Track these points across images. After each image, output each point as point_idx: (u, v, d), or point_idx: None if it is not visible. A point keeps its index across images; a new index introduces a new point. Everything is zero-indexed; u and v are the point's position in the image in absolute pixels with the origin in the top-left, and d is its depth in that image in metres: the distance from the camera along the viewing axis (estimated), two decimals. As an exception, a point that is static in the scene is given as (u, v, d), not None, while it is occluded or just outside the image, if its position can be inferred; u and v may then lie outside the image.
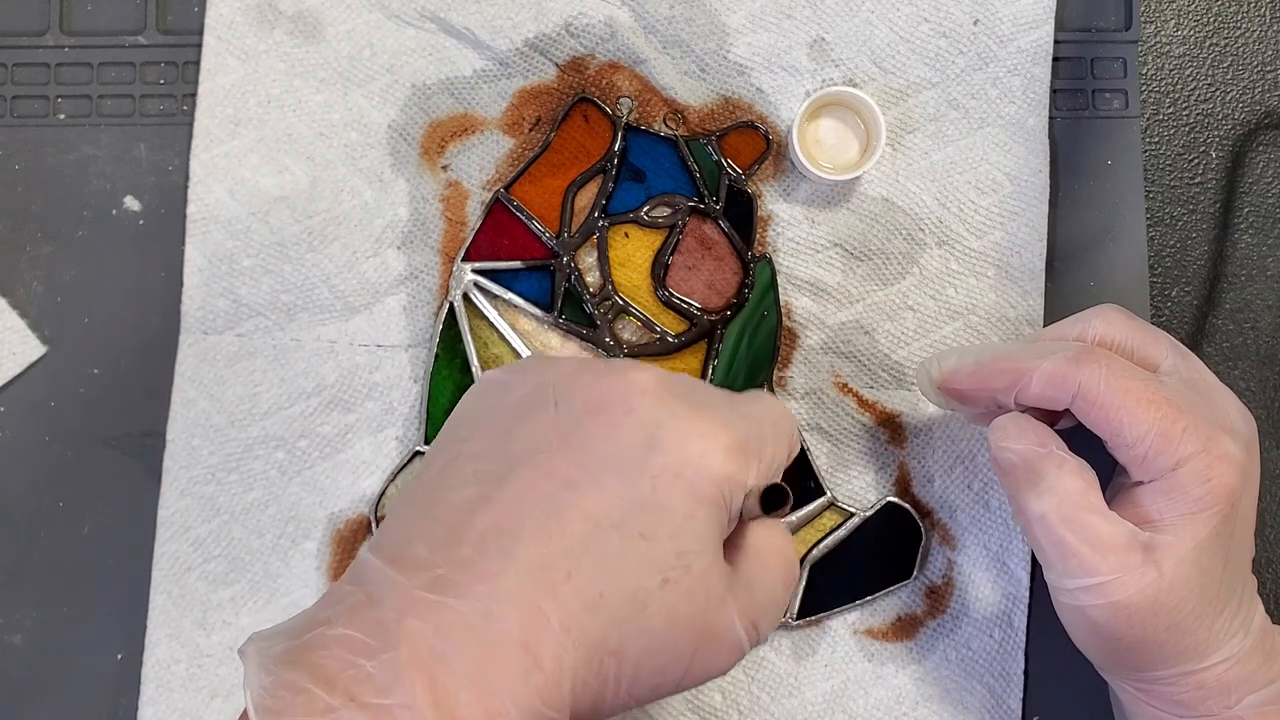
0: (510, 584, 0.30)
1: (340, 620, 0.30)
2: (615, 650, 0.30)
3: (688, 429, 0.32)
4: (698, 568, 0.31)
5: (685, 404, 0.32)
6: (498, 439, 0.33)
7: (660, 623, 0.31)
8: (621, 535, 0.31)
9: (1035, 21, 0.47)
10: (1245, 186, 0.49)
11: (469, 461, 0.33)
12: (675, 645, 0.31)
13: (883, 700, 0.45)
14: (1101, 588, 0.37)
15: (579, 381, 0.33)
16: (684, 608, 0.31)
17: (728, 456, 0.32)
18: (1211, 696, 0.38)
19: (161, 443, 0.46)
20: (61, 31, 0.48)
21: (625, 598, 0.30)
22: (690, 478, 0.31)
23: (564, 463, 0.31)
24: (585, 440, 0.32)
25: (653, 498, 0.31)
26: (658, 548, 0.31)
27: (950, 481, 0.46)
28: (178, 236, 0.47)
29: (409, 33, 0.47)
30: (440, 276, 0.47)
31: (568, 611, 0.30)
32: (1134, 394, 0.37)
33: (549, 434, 0.32)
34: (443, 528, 0.31)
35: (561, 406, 0.33)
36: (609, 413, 0.32)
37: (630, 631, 0.30)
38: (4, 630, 0.45)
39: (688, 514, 0.31)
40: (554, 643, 0.30)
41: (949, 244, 0.47)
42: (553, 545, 0.30)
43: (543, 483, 0.31)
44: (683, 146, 0.47)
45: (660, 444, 0.31)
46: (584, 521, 0.31)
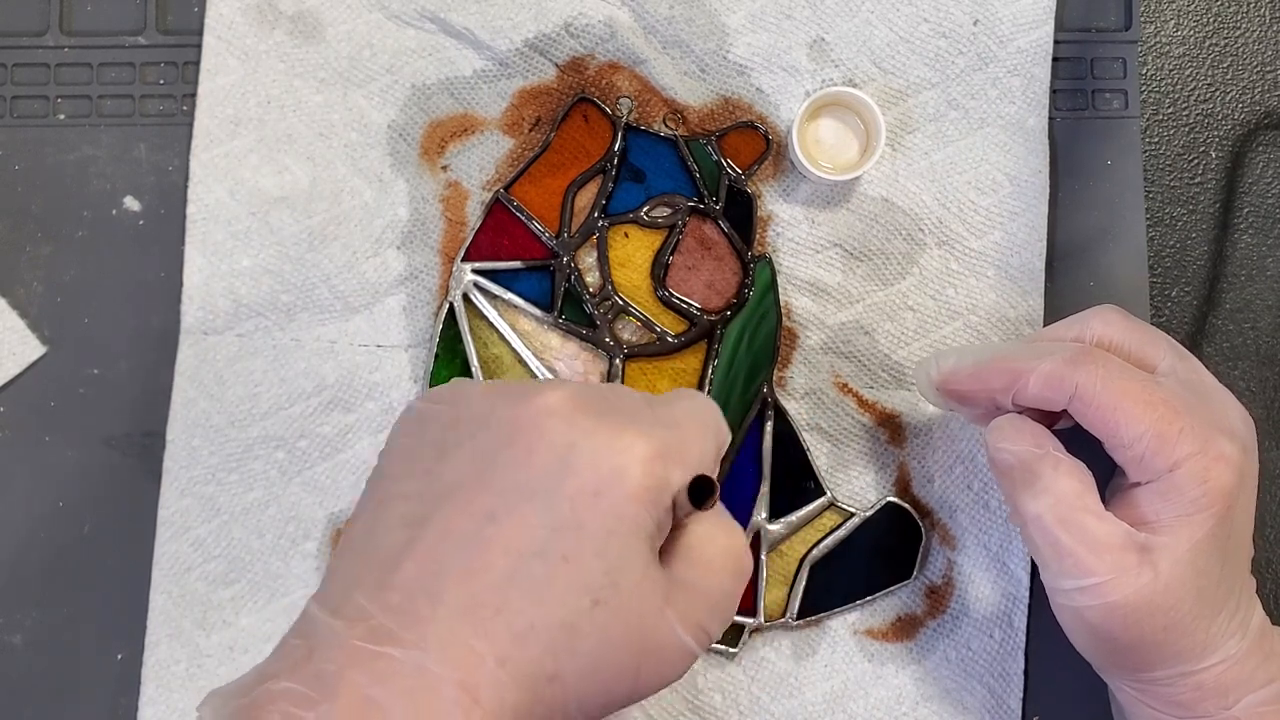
0: (441, 627, 0.30)
1: (284, 674, 0.30)
2: (553, 676, 0.30)
3: (600, 446, 0.31)
4: (627, 584, 0.31)
5: (597, 420, 0.32)
6: (422, 477, 0.33)
7: (595, 643, 0.31)
8: (545, 562, 0.30)
9: (1035, 21, 0.47)
10: (1245, 186, 0.49)
11: (397, 502, 0.32)
12: (616, 662, 0.31)
13: (883, 700, 0.46)
14: (1097, 588, 0.37)
15: (492, 409, 0.33)
16: (618, 625, 0.31)
17: (646, 467, 0.31)
18: (1209, 697, 0.38)
19: (161, 443, 0.46)
20: (61, 31, 0.48)
21: (556, 624, 0.30)
22: (609, 495, 0.31)
23: (483, 496, 0.31)
24: (501, 471, 0.31)
25: (572, 520, 0.31)
26: (583, 569, 0.30)
27: (950, 481, 0.46)
28: (178, 236, 0.47)
29: (409, 33, 0.47)
30: (440, 276, 0.47)
31: (500, 646, 0.30)
32: (1131, 395, 0.37)
33: (466, 468, 0.32)
34: (374, 575, 0.31)
35: (478, 438, 0.32)
36: (521, 440, 0.32)
37: (566, 656, 0.30)
38: (4, 630, 0.45)
39: (610, 531, 0.31)
40: (490, 678, 0.30)
41: (949, 244, 0.47)
42: (478, 582, 0.30)
43: (464, 520, 0.31)
44: (683, 146, 0.47)
45: (573, 466, 0.31)
46: (506, 554, 0.30)
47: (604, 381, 0.46)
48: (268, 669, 0.31)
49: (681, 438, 0.33)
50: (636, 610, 0.31)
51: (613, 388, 0.35)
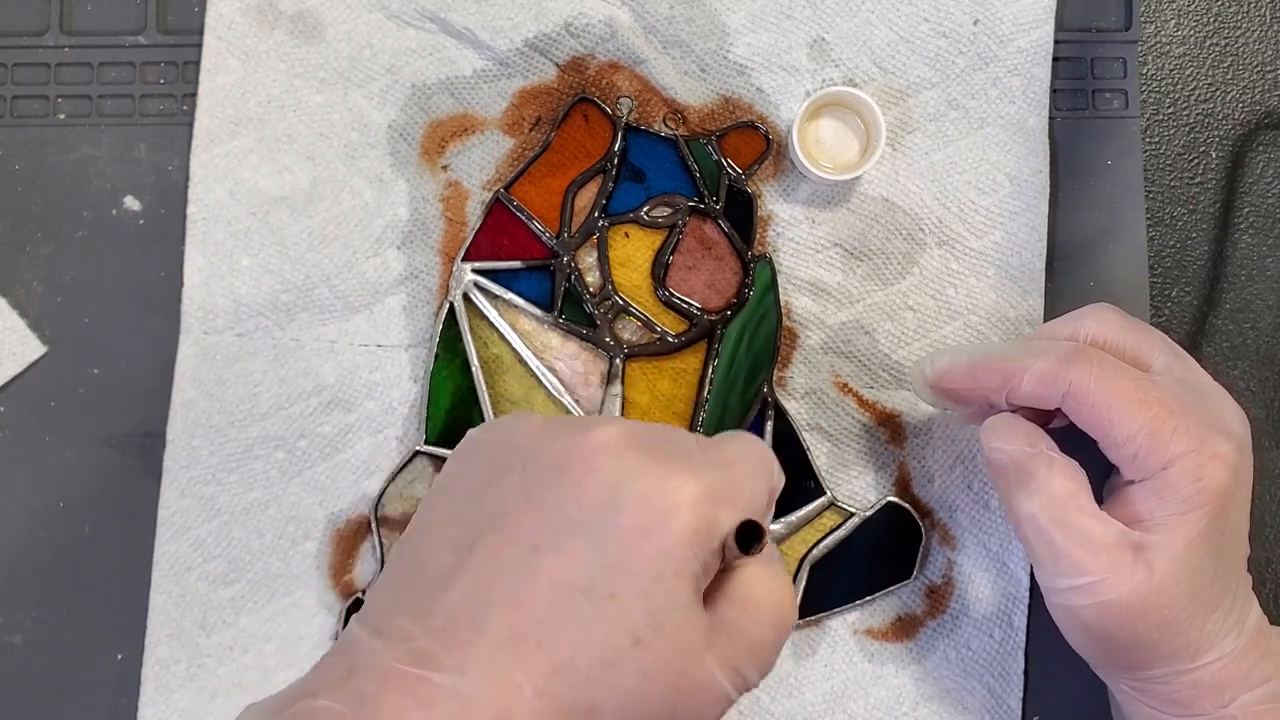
0: (482, 654, 0.30)
1: (323, 692, 0.30)
2: (590, 710, 0.30)
3: (651, 487, 0.31)
4: (670, 625, 0.31)
5: (649, 459, 0.32)
6: (469, 504, 0.33)
7: (635, 681, 0.30)
8: (589, 599, 0.30)
9: (1035, 21, 0.47)
10: (1245, 186, 0.49)
11: (444, 528, 0.33)
12: (654, 702, 0.31)
13: (883, 700, 0.46)
14: (1091, 587, 0.37)
15: (544, 441, 0.33)
16: (659, 665, 0.31)
17: (695, 509, 0.31)
18: (1205, 695, 0.38)
19: (161, 443, 0.46)
20: (61, 31, 0.48)
21: (597, 660, 0.30)
22: (657, 537, 0.31)
23: (530, 527, 0.31)
24: (550, 503, 0.31)
25: (620, 559, 0.30)
26: (628, 608, 0.30)
27: (950, 481, 0.46)
28: (178, 236, 0.47)
29: (409, 33, 0.47)
30: (440, 276, 0.47)
31: (539, 677, 0.30)
32: (1124, 393, 0.37)
33: (516, 498, 0.32)
34: (419, 598, 0.31)
35: (528, 469, 0.32)
36: (571, 473, 0.32)
37: (604, 692, 0.30)
38: (4, 630, 0.45)
39: (657, 574, 0.31)
40: (527, 709, 0.29)
41: (949, 244, 0.47)
42: (521, 613, 0.30)
43: (509, 549, 0.31)
44: (683, 146, 0.47)
45: (622, 505, 0.31)
46: (551, 587, 0.30)
47: (604, 382, 0.46)
48: (306, 685, 0.31)
49: (732, 480, 0.33)
50: (678, 651, 0.31)
51: (666, 428, 0.34)
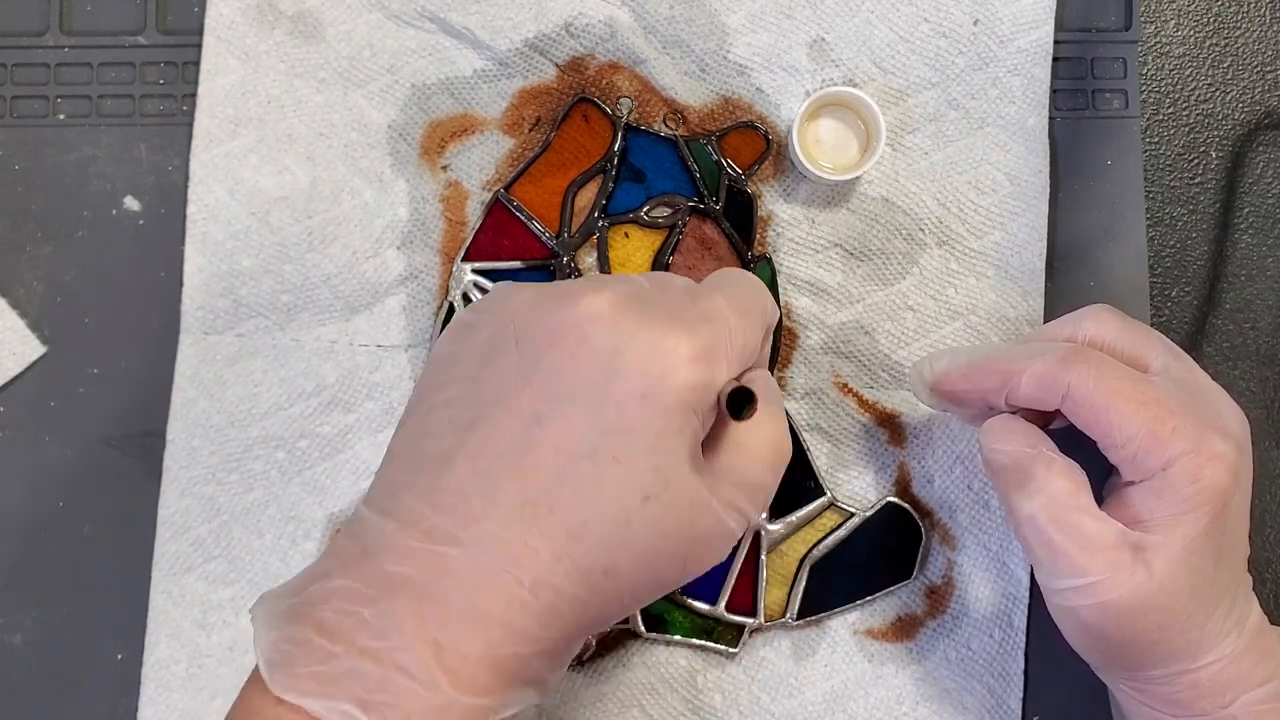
0: (496, 525, 0.31)
1: (338, 573, 0.31)
2: (607, 569, 0.31)
3: (645, 349, 0.32)
4: (676, 479, 0.32)
5: (641, 322, 0.33)
6: (467, 383, 0.33)
7: (648, 537, 0.32)
8: (595, 463, 0.31)
9: (1035, 21, 0.47)
10: (1245, 186, 0.49)
11: (444, 409, 0.33)
12: (667, 553, 0.32)
13: (883, 700, 0.46)
14: (1091, 588, 0.37)
15: (538, 315, 0.34)
16: (668, 519, 0.32)
17: (691, 367, 0.32)
18: (1206, 696, 0.38)
19: (161, 443, 0.46)
20: (61, 31, 0.48)
21: (609, 521, 0.31)
22: (655, 397, 0.32)
23: (530, 400, 0.32)
24: (547, 375, 0.32)
25: (620, 422, 0.31)
26: (634, 468, 0.31)
27: (950, 481, 0.46)
28: (178, 236, 0.47)
29: (409, 33, 0.47)
30: (440, 276, 0.47)
31: (555, 542, 0.31)
32: (1123, 394, 0.37)
33: (513, 373, 0.33)
34: (426, 477, 0.32)
35: (522, 344, 0.33)
36: (566, 344, 0.32)
37: (620, 551, 0.31)
38: (4, 630, 0.45)
39: (658, 431, 0.32)
40: (546, 573, 0.31)
41: (949, 244, 0.47)
42: (530, 482, 0.31)
43: (512, 422, 0.32)
44: (683, 146, 0.47)
45: (619, 369, 0.32)
46: (556, 455, 0.31)
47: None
48: (319, 569, 0.32)
49: (725, 332, 0.34)
50: (685, 502, 0.32)
51: (655, 280, 0.35)
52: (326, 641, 0.30)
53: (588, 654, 0.45)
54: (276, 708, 0.30)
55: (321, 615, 0.31)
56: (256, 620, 0.32)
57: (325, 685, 0.30)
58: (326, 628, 0.30)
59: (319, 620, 0.30)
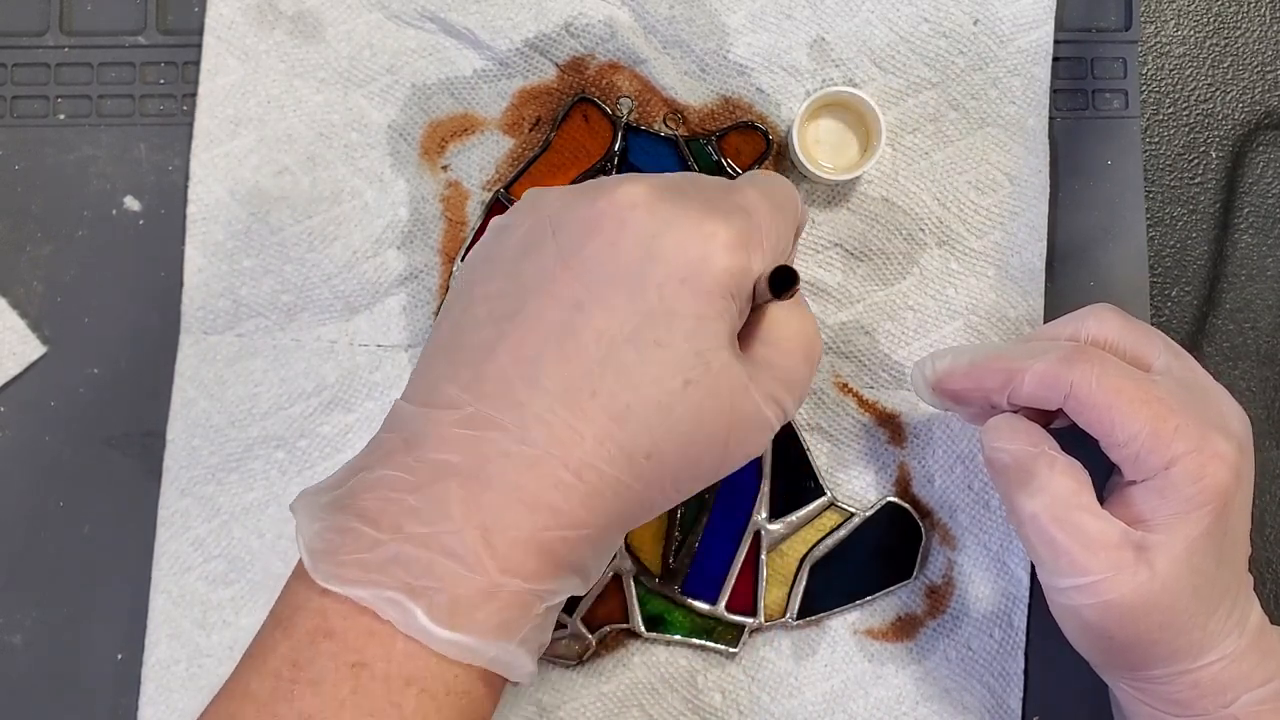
0: (539, 409, 0.31)
1: (379, 464, 0.31)
2: (650, 453, 0.32)
3: (684, 234, 0.32)
4: (716, 363, 0.32)
5: (678, 208, 0.33)
6: (506, 277, 0.34)
7: (689, 421, 0.32)
8: (637, 347, 0.32)
9: (1035, 21, 0.47)
10: (1245, 186, 0.49)
11: (483, 303, 0.34)
12: (707, 438, 0.32)
13: (883, 700, 0.46)
14: (1093, 587, 0.37)
15: (573, 208, 0.34)
16: (709, 403, 0.32)
17: (729, 252, 0.32)
18: (1207, 695, 0.38)
19: (161, 443, 0.46)
20: (61, 31, 0.48)
21: (652, 404, 0.31)
22: (694, 281, 0.32)
23: (570, 287, 0.32)
24: (586, 263, 0.32)
25: (661, 306, 0.32)
26: (674, 352, 0.32)
27: (950, 481, 0.46)
28: (178, 236, 0.47)
29: (409, 33, 0.47)
30: (440, 276, 0.47)
31: (599, 426, 0.31)
32: (1125, 394, 0.37)
33: (552, 262, 0.33)
34: (467, 367, 0.32)
35: (559, 235, 0.33)
36: (604, 232, 0.33)
37: (661, 435, 0.32)
38: (4, 630, 0.45)
39: (698, 315, 0.32)
40: (590, 456, 0.31)
41: (949, 244, 0.47)
42: (572, 367, 0.31)
43: (553, 309, 0.32)
44: (683, 146, 0.47)
45: (659, 254, 0.32)
46: (598, 340, 0.32)
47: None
48: (360, 462, 0.32)
49: (760, 223, 0.34)
50: (726, 388, 0.32)
51: (689, 176, 0.36)
52: (371, 529, 0.30)
53: (588, 654, 0.45)
54: (321, 599, 0.30)
55: (365, 503, 0.31)
56: (298, 512, 0.32)
57: (370, 572, 0.30)
58: (370, 515, 0.30)
59: (362, 508, 0.30)
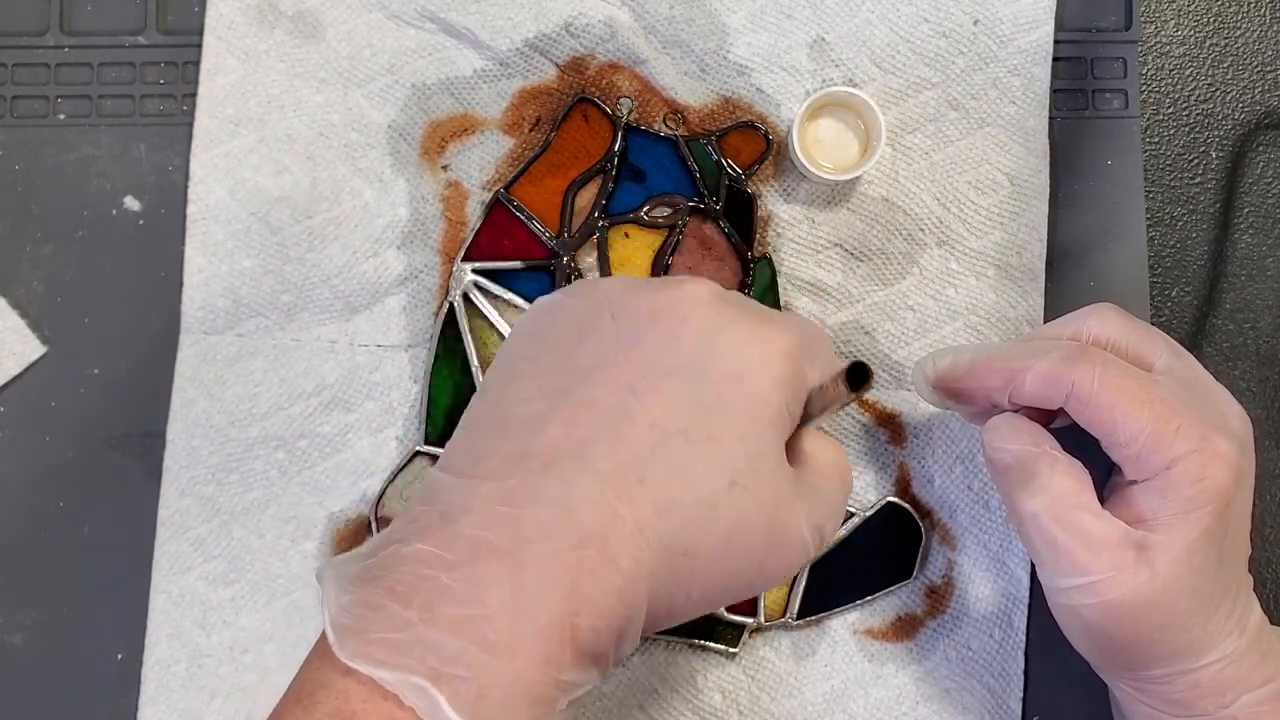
0: (585, 490, 0.30)
1: (414, 537, 0.30)
2: (688, 551, 0.31)
3: (746, 335, 0.33)
4: (765, 470, 0.32)
5: (739, 311, 0.33)
6: (559, 355, 0.33)
7: (731, 524, 0.31)
8: (689, 440, 0.31)
9: (1035, 21, 0.47)
10: (1245, 186, 0.49)
11: (532, 378, 0.33)
12: (746, 546, 0.32)
13: (883, 700, 0.46)
14: (1094, 586, 0.37)
15: (635, 296, 0.34)
16: (753, 509, 0.32)
17: (787, 360, 0.33)
18: (1206, 696, 0.38)
19: (161, 443, 0.46)
20: (61, 31, 0.48)
21: (697, 500, 0.31)
22: (752, 382, 0.32)
23: (627, 373, 0.32)
24: (646, 350, 0.32)
25: (717, 402, 0.32)
26: (725, 450, 0.31)
27: (950, 481, 0.46)
28: (178, 236, 0.47)
29: (409, 33, 0.47)
30: (440, 276, 0.47)
31: (641, 514, 0.31)
32: (1127, 393, 0.37)
33: (610, 346, 0.33)
34: (512, 441, 0.32)
35: (619, 320, 0.33)
36: (667, 322, 0.33)
37: (702, 533, 0.31)
38: (4, 630, 0.45)
39: (752, 417, 0.32)
40: (630, 544, 0.30)
41: (949, 244, 0.47)
42: (624, 451, 0.31)
43: (609, 393, 0.32)
44: (683, 146, 0.47)
45: (720, 350, 0.32)
46: (652, 428, 0.31)
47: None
48: (393, 534, 0.31)
49: (814, 341, 0.35)
50: (771, 497, 0.32)
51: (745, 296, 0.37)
52: (400, 607, 0.29)
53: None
54: (344, 679, 0.28)
55: (395, 579, 0.29)
56: (325, 582, 0.30)
57: (398, 654, 0.28)
58: (401, 592, 0.29)
59: (392, 584, 0.29)
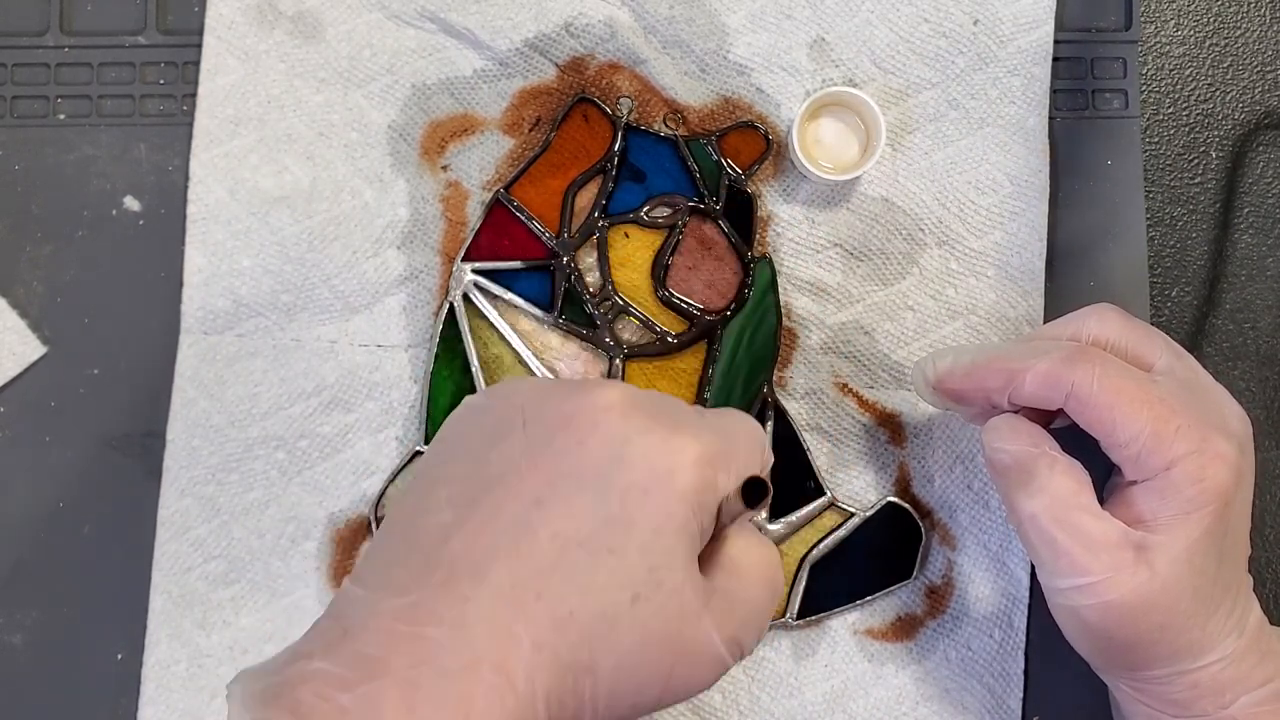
0: (481, 607, 0.30)
1: (319, 654, 0.30)
2: (589, 667, 0.30)
3: (654, 445, 0.32)
4: (669, 583, 0.31)
5: (652, 420, 0.32)
6: (471, 462, 0.33)
7: (633, 640, 0.31)
8: (590, 552, 0.31)
9: (1035, 21, 0.47)
10: (1245, 186, 0.49)
11: (445, 485, 0.33)
12: (651, 662, 0.31)
13: (883, 700, 0.46)
14: (1093, 587, 0.37)
15: (548, 401, 0.33)
16: (657, 624, 0.31)
17: (697, 470, 0.32)
18: (1206, 696, 0.38)
19: (161, 443, 0.46)
20: (61, 31, 0.48)
21: (596, 615, 0.30)
22: (658, 494, 0.31)
23: (533, 482, 0.31)
24: (553, 459, 0.32)
25: (621, 514, 0.31)
26: (627, 564, 0.31)
27: (950, 481, 0.46)
28: (178, 236, 0.47)
29: (409, 33, 0.47)
30: (440, 276, 0.47)
31: (539, 630, 0.30)
32: (1127, 394, 0.37)
33: (518, 455, 0.32)
34: (419, 553, 0.31)
35: (530, 427, 0.33)
36: (575, 431, 0.32)
37: (603, 649, 0.30)
38: (4, 630, 0.45)
39: (657, 530, 0.31)
40: (526, 662, 0.30)
41: (949, 244, 0.47)
42: (522, 565, 0.30)
43: (513, 503, 0.31)
44: (683, 146, 0.47)
45: (626, 460, 0.31)
46: (553, 540, 0.31)
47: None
48: (301, 648, 0.31)
49: (731, 446, 0.33)
50: (676, 610, 0.31)
51: (665, 396, 0.35)
52: None
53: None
54: None
55: (299, 697, 0.29)
56: (231, 700, 0.30)
57: None
58: (303, 713, 0.29)
59: (295, 703, 0.29)
